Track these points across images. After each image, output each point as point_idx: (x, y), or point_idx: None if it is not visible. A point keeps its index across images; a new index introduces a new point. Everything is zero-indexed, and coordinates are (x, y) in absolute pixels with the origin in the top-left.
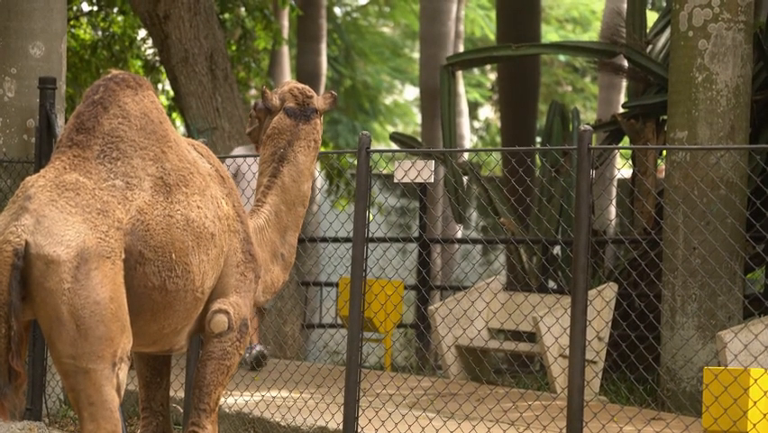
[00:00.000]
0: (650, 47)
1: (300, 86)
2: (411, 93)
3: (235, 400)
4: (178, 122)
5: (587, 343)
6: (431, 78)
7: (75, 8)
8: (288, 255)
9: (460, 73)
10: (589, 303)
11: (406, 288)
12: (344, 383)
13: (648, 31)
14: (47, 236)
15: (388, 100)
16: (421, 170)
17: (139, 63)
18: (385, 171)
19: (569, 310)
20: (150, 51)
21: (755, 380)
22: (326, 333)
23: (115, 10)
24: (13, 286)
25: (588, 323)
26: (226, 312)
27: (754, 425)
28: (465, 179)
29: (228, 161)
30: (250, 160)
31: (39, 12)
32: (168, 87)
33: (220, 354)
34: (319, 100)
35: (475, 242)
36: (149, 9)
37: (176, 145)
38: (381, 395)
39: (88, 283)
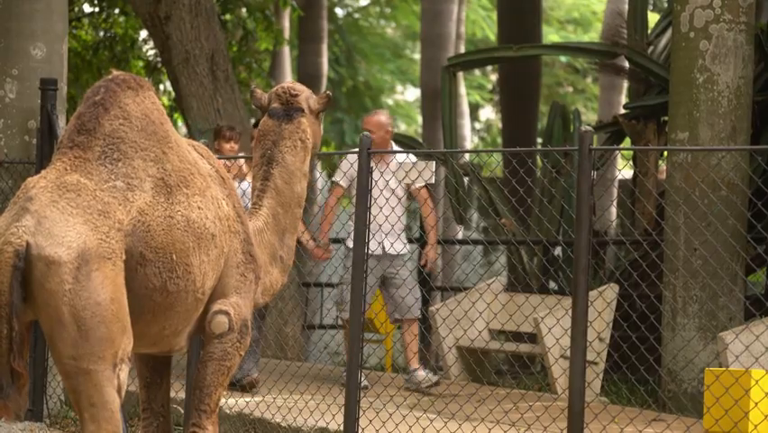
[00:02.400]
0: (651, 48)
1: (287, 85)
2: (412, 94)
3: (236, 401)
4: (180, 122)
5: (588, 344)
6: (432, 79)
7: (76, 9)
8: (287, 257)
9: (461, 74)
10: (590, 304)
11: None
12: (345, 384)
13: (649, 32)
14: (48, 237)
15: (390, 100)
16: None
17: (140, 64)
18: None
19: (570, 311)
20: (151, 52)
21: (757, 381)
22: (327, 334)
23: (117, 11)
24: (14, 287)
25: (589, 324)
26: (227, 313)
27: (756, 426)
28: (466, 179)
29: (344, 167)
30: None
31: (40, 13)
32: (169, 87)
33: (220, 355)
34: (311, 100)
35: (476, 243)
36: (150, 10)
37: (176, 146)
38: (382, 396)
39: (89, 284)
